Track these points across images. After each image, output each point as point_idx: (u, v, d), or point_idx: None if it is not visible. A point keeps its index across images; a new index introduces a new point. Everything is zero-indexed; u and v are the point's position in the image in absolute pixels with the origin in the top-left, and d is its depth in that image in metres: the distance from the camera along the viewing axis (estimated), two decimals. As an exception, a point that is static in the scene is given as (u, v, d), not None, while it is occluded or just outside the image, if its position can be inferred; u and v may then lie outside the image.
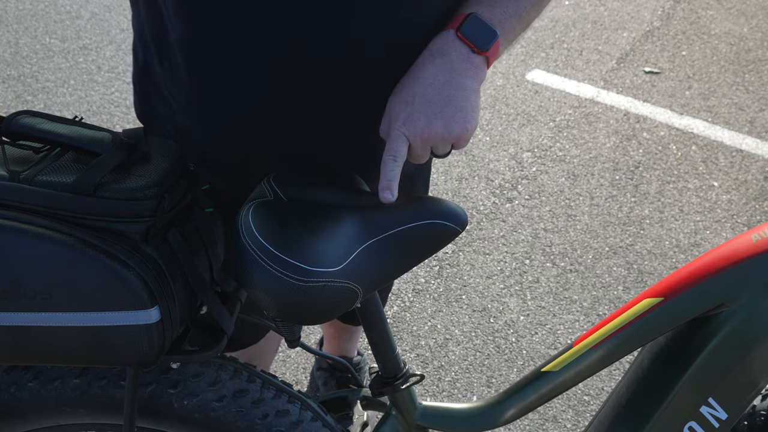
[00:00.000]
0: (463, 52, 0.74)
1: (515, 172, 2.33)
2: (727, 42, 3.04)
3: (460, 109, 0.73)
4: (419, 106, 0.72)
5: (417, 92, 0.73)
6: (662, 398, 0.80)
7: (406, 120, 0.72)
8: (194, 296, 0.73)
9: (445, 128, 0.72)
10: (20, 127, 0.70)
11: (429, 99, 0.72)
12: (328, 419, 0.86)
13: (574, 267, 2.00)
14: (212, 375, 0.80)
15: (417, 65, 0.74)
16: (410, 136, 0.73)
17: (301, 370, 1.70)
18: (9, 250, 0.64)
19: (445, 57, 0.73)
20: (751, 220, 2.18)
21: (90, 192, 0.66)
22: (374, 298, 0.82)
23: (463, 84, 0.73)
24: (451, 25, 0.75)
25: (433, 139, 0.73)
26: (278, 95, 0.76)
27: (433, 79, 0.73)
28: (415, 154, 0.75)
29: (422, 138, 0.73)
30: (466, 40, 0.73)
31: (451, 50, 0.73)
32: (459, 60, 0.73)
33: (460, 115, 0.73)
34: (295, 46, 0.73)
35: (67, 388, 0.78)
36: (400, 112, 0.73)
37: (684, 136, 2.52)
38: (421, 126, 0.72)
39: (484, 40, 0.74)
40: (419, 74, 0.73)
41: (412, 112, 0.72)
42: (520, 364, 1.74)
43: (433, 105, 0.72)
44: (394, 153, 0.73)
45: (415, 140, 0.73)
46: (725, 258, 0.76)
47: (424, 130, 0.72)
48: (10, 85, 2.63)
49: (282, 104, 0.77)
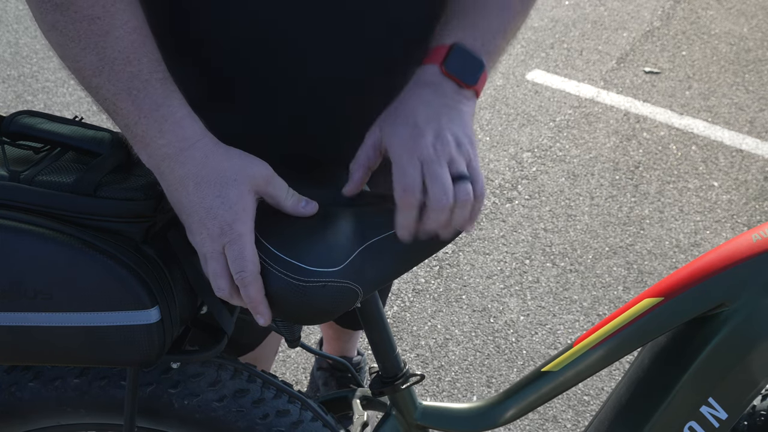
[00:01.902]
0: (452, 87, 0.69)
1: (515, 172, 2.33)
2: (727, 42, 3.04)
3: (462, 127, 0.67)
4: (423, 123, 0.66)
5: (416, 113, 0.67)
6: (662, 398, 0.80)
7: (413, 138, 0.65)
8: (194, 296, 0.73)
9: (455, 141, 0.66)
10: (20, 127, 0.70)
11: (431, 118, 0.66)
12: (328, 419, 0.86)
13: (574, 267, 2.00)
14: (212, 375, 0.80)
15: (406, 94, 0.69)
16: (422, 150, 0.64)
17: (301, 370, 1.70)
18: (9, 250, 0.64)
19: (435, 86, 0.69)
20: (751, 220, 2.18)
21: (90, 192, 0.66)
22: (374, 298, 0.82)
23: (460, 109, 0.68)
24: (434, 58, 0.69)
25: (448, 149, 0.65)
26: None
27: (429, 105, 0.67)
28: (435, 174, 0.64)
29: (435, 148, 0.64)
30: (453, 77, 0.68)
31: (441, 83, 0.69)
32: (450, 91, 0.69)
33: (462, 134, 0.67)
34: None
35: (68, 388, 0.78)
36: (403, 135, 0.66)
37: (684, 136, 2.52)
38: (431, 137, 0.65)
39: (470, 74, 0.69)
40: (410, 100, 0.68)
41: (416, 129, 0.65)
42: (520, 364, 1.74)
43: (437, 122, 0.66)
44: (410, 187, 0.64)
45: (428, 153, 0.64)
46: (725, 258, 0.76)
47: (437, 139, 0.65)
48: (10, 85, 2.63)
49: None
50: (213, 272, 0.65)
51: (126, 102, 0.62)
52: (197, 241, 0.65)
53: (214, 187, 0.63)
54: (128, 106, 0.63)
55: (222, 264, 0.64)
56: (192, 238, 0.66)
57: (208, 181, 0.63)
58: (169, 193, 0.65)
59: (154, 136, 0.63)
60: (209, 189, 0.63)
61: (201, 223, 0.63)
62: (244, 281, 0.64)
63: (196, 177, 0.63)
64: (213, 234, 0.63)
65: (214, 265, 0.64)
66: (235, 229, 0.63)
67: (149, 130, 0.63)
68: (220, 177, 0.63)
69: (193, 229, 0.64)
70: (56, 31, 0.62)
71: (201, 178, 0.63)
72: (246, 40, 0.74)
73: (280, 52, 0.75)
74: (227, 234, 0.63)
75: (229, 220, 0.63)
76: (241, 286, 0.64)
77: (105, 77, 0.62)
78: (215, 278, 0.65)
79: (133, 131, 0.63)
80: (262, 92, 0.78)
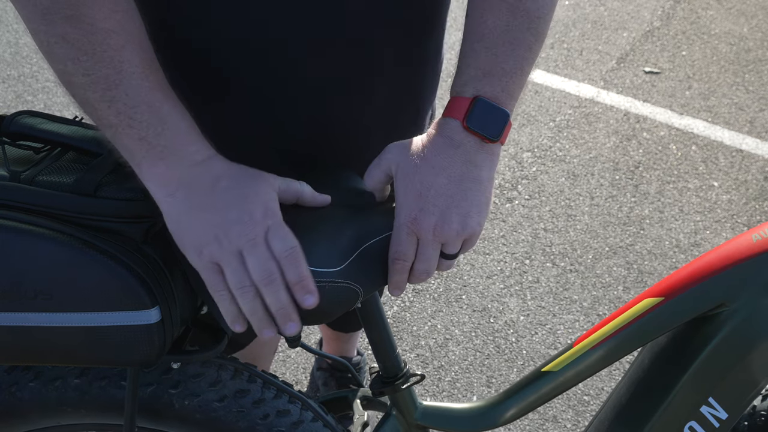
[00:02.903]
0: (477, 143, 0.68)
1: (515, 172, 2.33)
2: (727, 42, 3.04)
3: (476, 204, 0.68)
4: (434, 198, 0.66)
5: (432, 183, 0.67)
6: (662, 398, 0.80)
7: (419, 214, 0.66)
8: (194, 296, 0.73)
9: (460, 224, 0.67)
10: (21, 127, 0.70)
11: (445, 192, 0.66)
12: (328, 419, 0.86)
13: (574, 267, 2.00)
14: (213, 375, 0.80)
15: (429, 151, 0.68)
16: (421, 232, 0.67)
17: (301, 370, 1.70)
18: (9, 250, 0.64)
19: (459, 148, 0.67)
20: (751, 220, 2.18)
21: (90, 192, 0.66)
22: (374, 298, 0.82)
23: (480, 176, 0.68)
24: (456, 112, 0.68)
25: (447, 236, 0.67)
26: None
27: (449, 171, 0.67)
28: (425, 256, 0.68)
29: (435, 234, 0.67)
30: (476, 134, 0.67)
31: (464, 141, 0.68)
32: (474, 151, 0.68)
33: (476, 210, 0.68)
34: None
35: (68, 388, 0.78)
36: (411, 204, 0.67)
37: (684, 136, 2.52)
38: (434, 220, 0.66)
39: (495, 128, 0.68)
40: (433, 162, 0.67)
41: (426, 205, 0.66)
42: (520, 364, 1.74)
43: (450, 199, 0.66)
44: (403, 256, 0.68)
45: (427, 236, 0.67)
46: (725, 258, 0.76)
47: (438, 225, 0.66)
48: (10, 85, 2.63)
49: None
50: (258, 260, 0.61)
51: (146, 114, 0.62)
52: (235, 235, 0.61)
53: (246, 178, 0.64)
54: (149, 118, 0.62)
55: (265, 251, 0.61)
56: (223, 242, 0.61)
57: (239, 173, 0.64)
58: (196, 198, 0.63)
59: (183, 142, 0.63)
60: (243, 179, 0.64)
61: (242, 210, 0.62)
62: (294, 256, 0.62)
63: (228, 172, 0.64)
64: (256, 218, 0.62)
65: (258, 252, 0.61)
66: (275, 210, 0.63)
67: (176, 139, 0.63)
68: (248, 170, 0.65)
69: (228, 227, 0.61)
70: (66, 44, 0.60)
71: (233, 173, 0.64)
72: (239, 40, 0.74)
73: (271, 52, 0.75)
74: (270, 215, 0.62)
75: (269, 202, 0.63)
76: (290, 264, 0.62)
77: (123, 90, 0.61)
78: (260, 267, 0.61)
79: (153, 142, 0.62)
80: (255, 93, 0.78)
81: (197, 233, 0.62)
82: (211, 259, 0.62)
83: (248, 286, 0.62)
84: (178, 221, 0.63)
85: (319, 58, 0.76)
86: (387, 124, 0.85)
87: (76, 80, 0.61)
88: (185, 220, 0.62)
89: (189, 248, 0.63)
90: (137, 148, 0.62)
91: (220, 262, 0.62)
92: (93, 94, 0.61)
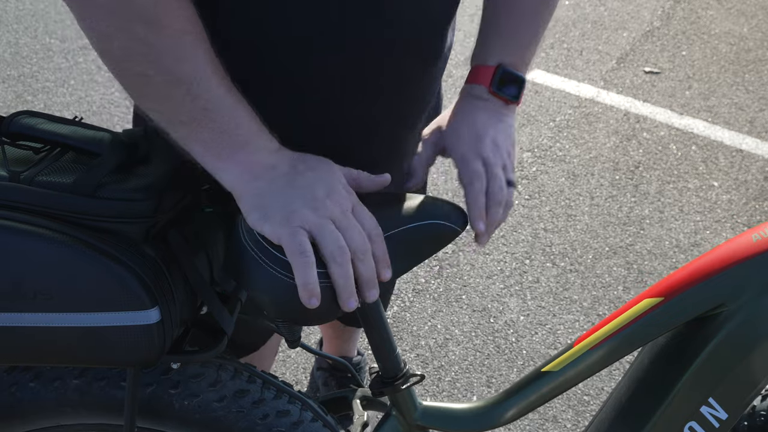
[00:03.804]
0: (499, 104, 0.80)
1: (515, 172, 2.33)
2: (727, 42, 3.04)
3: (511, 141, 0.80)
4: (482, 130, 0.78)
5: (473, 119, 0.79)
6: (662, 398, 0.80)
7: (476, 140, 0.77)
8: (194, 296, 0.73)
9: (507, 150, 0.79)
10: (20, 128, 0.70)
11: (485, 124, 0.79)
12: (328, 419, 0.86)
13: (574, 267, 2.00)
14: (213, 375, 0.80)
15: (461, 105, 0.81)
16: (486, 155, 0.77)
17: (301, 370, 1.70)
18: (9, 251, 0.64)
19: (485, 102, 0.80)
20: (751, 220, 2.18)
21: (90, 192, 0.66)
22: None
23: (508, 123, 0.81)
24: (482, 79, 0.80)
25: (502, 156, 0.78)
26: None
27: (481, 112, 0.80)
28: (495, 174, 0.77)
29: (494, 155, 0.78)
30: (500, 97, 0.80)
31: (489, 99, 0.80)
32: (498, 107, 0.81)
33: (512, 143, 0.81)
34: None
35: (68, 389, 0.78)
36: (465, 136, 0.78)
37: (684, 136, 2.52)
38: (490, 144, 0.78)
39: (515, 93, 0.80)
40: (466, 109, 0.80)
41: (477, 135, 0.78)
42: (520, 364, 1.74)
43: (492, 126, 0.79)
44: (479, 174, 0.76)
45: (490, 158, 0.77)
46: (725, 258, 0.76)
47: (494, 147, 0.78)
48: (10, 85, 2.63)
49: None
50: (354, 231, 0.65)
51: (226, 108, 0.65)
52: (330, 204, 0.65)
53: (318, 162, 0.69)
54: (230, 112, 0.65)
55: (356, 223, 0.65)
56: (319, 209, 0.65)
57: (311, 159, 0.69)
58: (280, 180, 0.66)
59: (258, 133, 0.67)
60: (316, 163, 0.68)
61: (329, 186, 0.66)
62: (381, 233, 0.67)
63: (301, 158, 0.68)
64: (343, 193, 0.67)
65: (351, 224, 0.65)
66: (351, 190, 0.68)
67: (252, 130, 0.66)
68: (315, 156, 0.70)
69: (320, 199, 0.65)
70: (144, 45, 0.62)
71: (305, 158, 0.69)
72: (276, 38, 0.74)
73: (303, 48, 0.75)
74: (351, 193, 0.68)
75: (344, 183, 0.68)
76: (378, 239, 0.67)
77: (204, 86, 0.64)
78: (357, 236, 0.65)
79: (233, 134, 0.65)
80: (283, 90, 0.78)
81: (287, 204, 0.64)
82: (302, 224, 0.64)
83: (346, 250, 0.64)
84: (261, 200, 0.65)
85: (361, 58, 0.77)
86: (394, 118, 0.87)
87: (156, 79, 0.63)
88: (271, 197, 0.65)
89: (275, 219, 0.64)
90: (218, 140, 0.65)
91: (312, 227, 0.64)
92: (176, 90, 0.63)
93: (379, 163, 0.79)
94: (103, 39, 0.63)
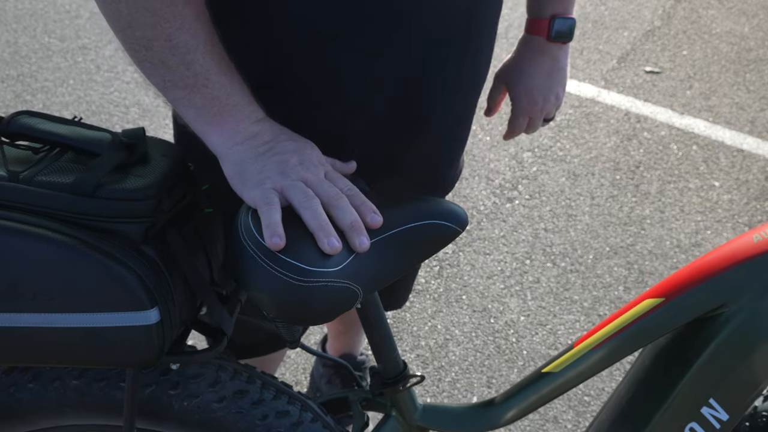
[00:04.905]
0: (557, 47, 0.98)
1: (515, 172, 2.33)
2: (728, 41, 3.04)
3: (563, 85, 1.01)
4: (536, 92, 0.99)
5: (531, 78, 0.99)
6: (663, 399, 0.80)
7: (529, 101, 1.00)
8: (194, 297, 0.73)
9: (556, 100, 1.02)
10: (19, 128, 0.70)
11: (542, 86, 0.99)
12: (328, 420, 0.86)
13: (575, 267, 2.00)
14: (212, 376, 0.80)
15: (525, 57, 0.99)
16: (533, 113, 1.01)
17: (301, 371, 1.70)
18: (8, 251, 0.64)
19: (546, 54, 0.98)
20: (752, 220, 2.18)
21: (89, 192, 0.66)
22: (374, 298, 0.82)
23: (562, 65, 1.00)
24: (540, 30, 0.97)
25: (549, 112, 1.02)
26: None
27: (542, 71, 0.99)
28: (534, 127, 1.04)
29: (541, 113, 1.02)
30: (558, 42, 0.96)
31: (548, 48, 0.97)
32: (555, 52, 0.98)
33: (562, 88, 1.01)
34: None
35: (67, 389, 0.78)
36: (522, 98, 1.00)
37: (685, 136, 2.52)
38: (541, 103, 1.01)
39: (568, 35, 0.96)
40: (529, 71, 0.99)
41: (533, 99, 1.00)
42: (521, 364, 1.73)
43: (547, 90, 1.00)
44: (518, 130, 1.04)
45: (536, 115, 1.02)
46: (726, 258, 0.76)
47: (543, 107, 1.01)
48: (9, 85, 2.63)
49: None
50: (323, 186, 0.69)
51: (219, 76, 0.70)
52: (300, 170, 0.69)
53: (297, 136, 0.74)
54: (222, 79, 0.70)
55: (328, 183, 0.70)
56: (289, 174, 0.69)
57: (291, 133, 0.74)
58: (260, 147, 0.71)
59: (246, 103, 0.72)
60: (296, 137, 0.73)
61: (303, 156, 0.71)
62: (356, 190, 0.71)
63: (282, 130, 0.73)
64: (315, 162, 0.71)
65: (323, 183, 0.69)
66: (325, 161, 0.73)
67: (242, 99, 0.72)
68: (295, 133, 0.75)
69: (292, 165, 0.69)
70: (148, 12, 0.66)
71: (286, 131, 0.74)
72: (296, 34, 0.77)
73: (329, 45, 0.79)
74: (325, 163, 0.73)
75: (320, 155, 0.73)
76: (354, 195, 0.71)
77: (200, 54, 0.69)
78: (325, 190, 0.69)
79: (224, 101, 0.71)
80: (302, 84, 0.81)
81: (261, 171, 0.69)
82: (273, 186, 0.68)
83: (314, 197, 0.67)
84: (241, 165, 0.70)
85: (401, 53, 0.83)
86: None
87: (156, 45, 0.67)
88: (249, 163, 0.70)
89: (250, 183, 0.68)
90: (210, 106, 0.70)
91: (282, 188, 0.68)
92: (173, 57, 0.68)
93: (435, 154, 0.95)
94: (110, 2, 0.66)
